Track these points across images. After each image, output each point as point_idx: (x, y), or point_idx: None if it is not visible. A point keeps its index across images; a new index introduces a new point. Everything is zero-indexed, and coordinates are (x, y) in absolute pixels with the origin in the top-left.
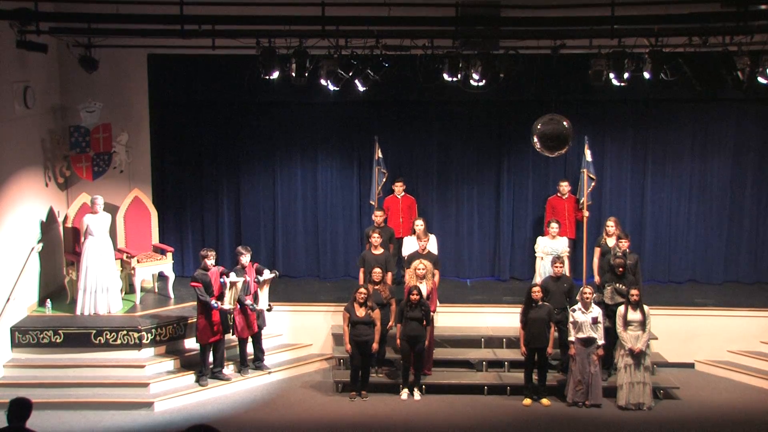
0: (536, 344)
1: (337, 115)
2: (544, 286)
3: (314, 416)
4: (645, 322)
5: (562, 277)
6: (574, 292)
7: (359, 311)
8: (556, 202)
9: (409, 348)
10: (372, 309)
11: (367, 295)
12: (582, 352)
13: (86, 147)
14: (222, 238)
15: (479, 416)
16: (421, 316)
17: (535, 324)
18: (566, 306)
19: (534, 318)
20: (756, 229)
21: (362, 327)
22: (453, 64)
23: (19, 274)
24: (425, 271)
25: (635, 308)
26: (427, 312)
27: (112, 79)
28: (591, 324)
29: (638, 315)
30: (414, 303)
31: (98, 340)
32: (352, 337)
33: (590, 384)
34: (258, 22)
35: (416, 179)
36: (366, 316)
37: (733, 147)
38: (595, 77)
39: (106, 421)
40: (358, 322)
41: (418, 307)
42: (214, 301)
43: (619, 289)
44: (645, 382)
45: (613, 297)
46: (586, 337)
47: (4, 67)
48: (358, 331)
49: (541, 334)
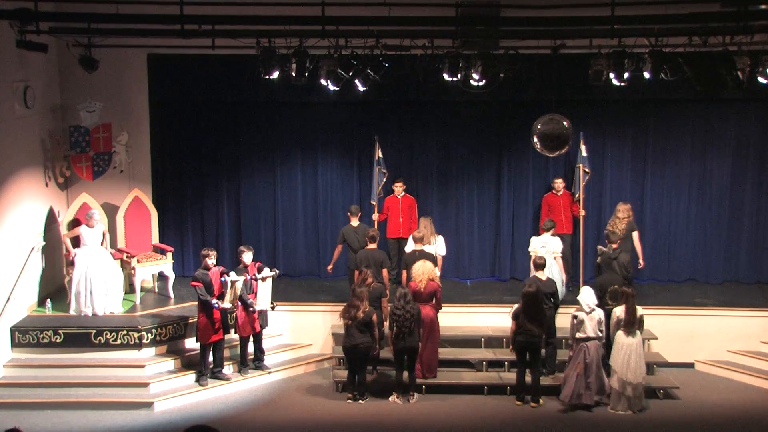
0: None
1: (337, 115)
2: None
3: (314, 416)
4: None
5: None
6: (557, 296)
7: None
8: (552, 200)
9: (402, 352)
10: (365, 316)
11: (353, 312)
12: (582, 352)
13: (86, 147)
14: (222, 237)
15: (479, 416)
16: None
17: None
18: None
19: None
20: (756, 229)
21: (355, 331)
22: (453, 64)
23: (19, 274)
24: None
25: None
26: (415, 317)
27: (112, 79)
28: (594, 324)
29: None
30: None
31: (98, 339)
32: (344, 342)
33: (588, 384)
34: (258, 22)
35: (416, 179)
36: (358, 321)
37: (733, 147)
38: (595, 77)
39: (106, 421)
40: (350, 327)
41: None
42: (215, 301)
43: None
44: (638, 385)
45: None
46: (586, 337)
47: (4, 67)
48: (350, 335)
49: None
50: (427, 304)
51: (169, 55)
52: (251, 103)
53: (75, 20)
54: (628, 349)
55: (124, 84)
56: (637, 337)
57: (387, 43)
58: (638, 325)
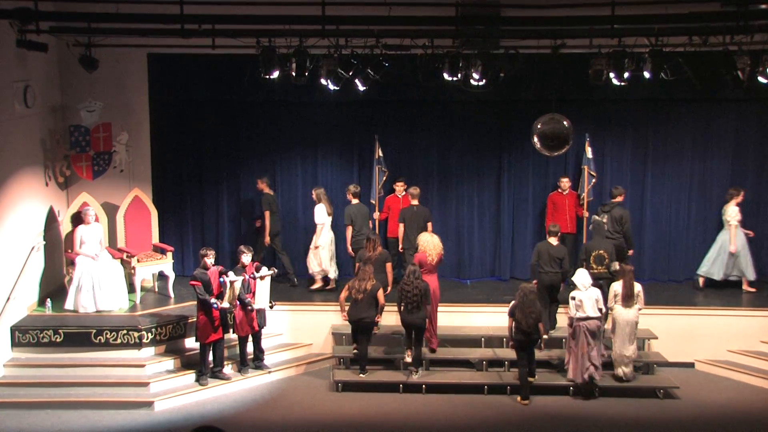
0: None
1: (337, 115)
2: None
3: (314, 416)
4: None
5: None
6: (566, 262)
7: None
8: (557, 198)
9: (410, 326)
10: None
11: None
12: (581, 331)
13: (86, 146)
14: (222, 237)
15: (479, 415)
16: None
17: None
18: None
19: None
20: (756, 228)
21: (363, 305)
22: (453, 64)
23: (19, 274)
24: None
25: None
26: (422, 291)
27: (113, 78)
28: (592, 303)
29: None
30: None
31: (98, 339)
32: (350, 314)
33: (588, 361)
34: (258, 22)
35: (416, 178)
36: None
37: (733, 146)
38: (595, 77)
39: (106, 421)
40: (358, 300)
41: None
42: (214, 300)
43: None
44: (631, 356)
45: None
46: (586, 317)
47: (4, 67)
48: (357, 308)
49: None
50: (432, 274)
51: (170, 54)
52: (251, 103)
53: (75, 20)
54: (624, 322)
55: (125, 83)
56: (635, 310)
57: (387, 42)
58: (636, 299)
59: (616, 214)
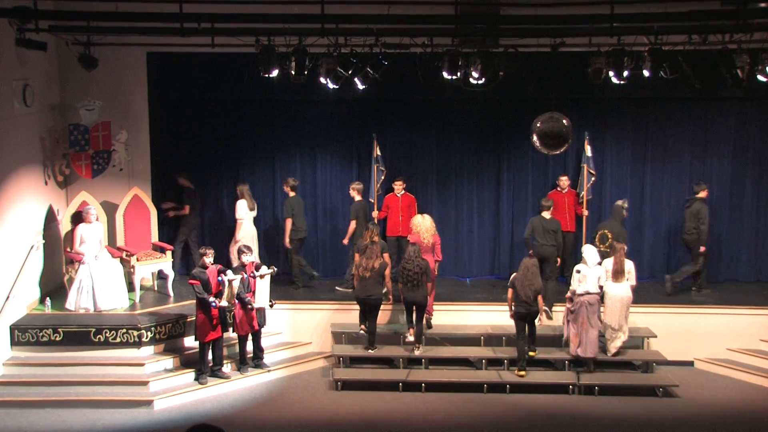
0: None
1: (336, 113)
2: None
3: (314, 414)
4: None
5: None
6: (559, 236)
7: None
8: (556, 197)
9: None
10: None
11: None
12: (583, 305)
13: (86, 145)
14: (222, 236)
15: (479, 414)
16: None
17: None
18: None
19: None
20: (756, 227)
21: (370, 283)
22: (452, 63)
23: (19, 273)
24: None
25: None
26: (423, 269)
27: (112, 77)
28: (594, 280)
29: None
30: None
31: (98, 338)
32: (358, 293)
33: (587, 337)
34: (257, 20)
35: (416, 178)
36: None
37: (733, 145)
38: (594, 75)
39: (105, 420)
40: (366, 279)
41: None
42: (212, 299)
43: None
44: (617, 329)
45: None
46: (586, 292)
47: (3, 66)
48: (365, 287)
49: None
50: (427, 254)
51: (169, 53)
52: (250, 101)
53: (74, 18)
54: (613, 297)
55: (124, 82)
56: (626, 287)
57: (386, 41)
58: (627, 276)
59: (694, 209)
